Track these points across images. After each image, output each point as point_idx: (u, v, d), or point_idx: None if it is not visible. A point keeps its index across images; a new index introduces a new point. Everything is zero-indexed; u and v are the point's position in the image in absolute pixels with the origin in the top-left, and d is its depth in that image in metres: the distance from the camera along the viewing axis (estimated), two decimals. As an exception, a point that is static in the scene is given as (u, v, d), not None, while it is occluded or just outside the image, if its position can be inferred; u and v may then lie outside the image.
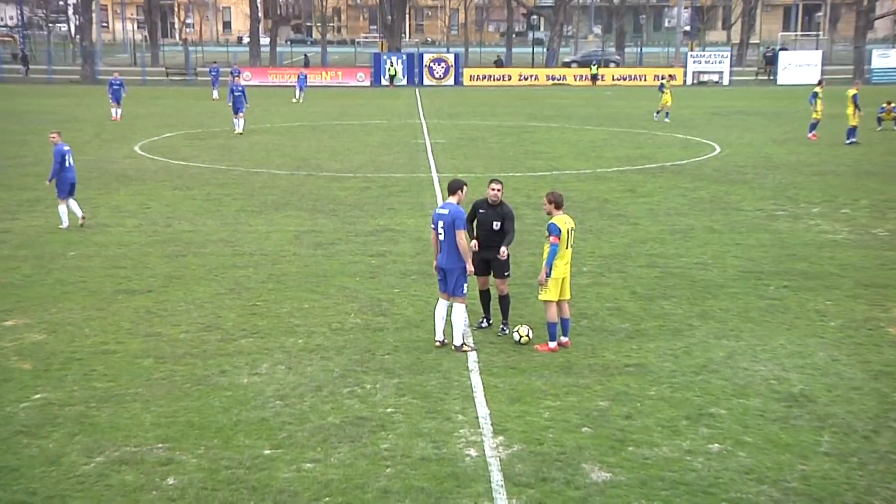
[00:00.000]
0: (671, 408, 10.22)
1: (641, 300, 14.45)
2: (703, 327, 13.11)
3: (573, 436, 9.47)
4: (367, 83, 75.13)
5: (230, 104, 38.07)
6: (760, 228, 19.74)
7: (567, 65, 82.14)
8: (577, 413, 10.04)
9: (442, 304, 12.10)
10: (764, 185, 25.29)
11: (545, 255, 11.87)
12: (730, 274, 16.01)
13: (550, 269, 11.74)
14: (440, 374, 11.21)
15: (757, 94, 61.66)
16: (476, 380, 11.04)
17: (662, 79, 53.40)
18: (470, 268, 11.87)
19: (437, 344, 12.06)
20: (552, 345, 11.93)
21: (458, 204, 11.98)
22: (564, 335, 12.17)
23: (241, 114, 37.30)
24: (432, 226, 12.11)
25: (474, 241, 12.75)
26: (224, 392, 10.62)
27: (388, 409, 10.12)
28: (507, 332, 12.62)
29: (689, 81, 74.45)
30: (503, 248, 12.47)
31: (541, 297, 11.99)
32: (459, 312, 11.94)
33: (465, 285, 11.94)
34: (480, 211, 12.57)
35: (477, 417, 9.93)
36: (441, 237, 11.93)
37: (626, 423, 9.77)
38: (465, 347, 11.94)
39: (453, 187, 12.09)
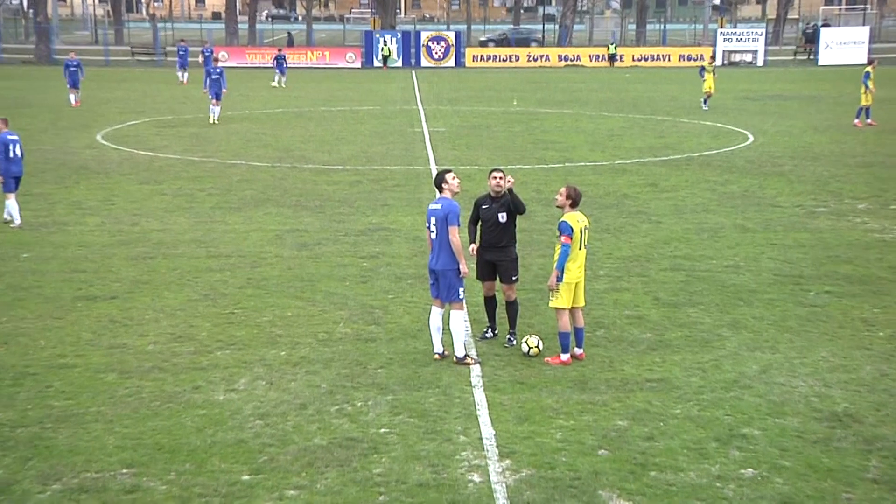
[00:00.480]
0: (699, 428, 10.22)
1: (665, 307, 14.45)
2: (734, 338, 13.12)
3: (588, 459, 9.47)
4: (358, 65, 75.19)
5: (206, 90, 37.79)
6: (799, 227, 19.76)
7: (484, 44, 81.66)
8: (592, 434, 10.04)
9: (436, 313, 12.10)
10: (803, 178, 25.31)
11: (556, 258, 11.88)
12: (764, 278, 16.02)
13: (562, 272, 11.75)
14: (439, 390, 11.21)
15: (795, 76, 61.72)
16: (480, 396, 11.04)
17: (702, 60, 53.06)
18: (464, 269, 11.86)
19: (437, 357, 12.07)
20: (565, 357, 11.94)
21: (451, 198, 11.97)
22: (578, 346, 12.17)
23: (219, 100, 37.14)
24: (426, 224, 12.12)
25: (473, 246, 12.76)
26: (197, 410, 10.62)
27: (382, 430, 10.12)
28: (514, 342, 12.64)
29: (719, 62, 74.45)
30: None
31: (551, 305, 11.99)
32: (458, 320, 11.95)
33: (461, 289, 11.94)
34: (483, 207, 12.58)
35: (481, 438, 9.92)
36: (433, 235, 11.94)
37: (647, 445, 9.77)
38: (468, 360, 11.95)
39: (438, 181, 12.06)
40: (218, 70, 37.37)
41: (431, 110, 43.21)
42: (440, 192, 12.03)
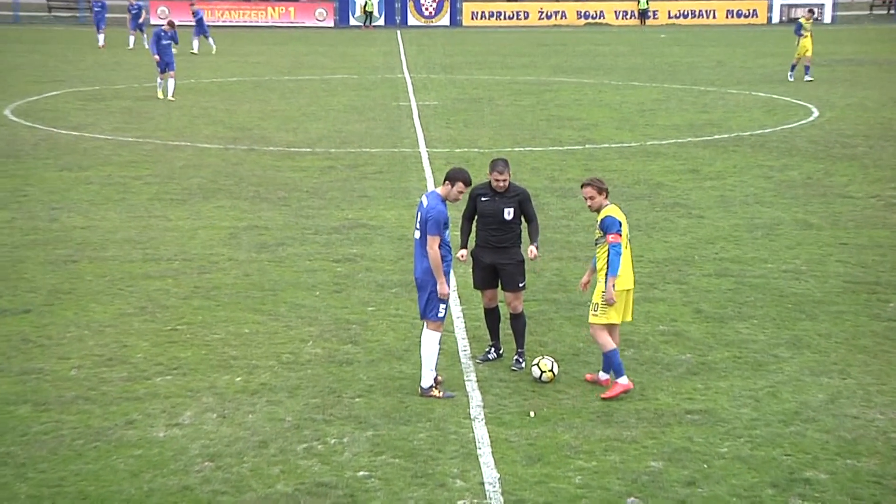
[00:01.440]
0: (751, 470, 10.23)
1: (709, 322, 14.48)
2: (794, 359, 13.14)
3: (616, 509, 9.48)
4: (330, 23, 75.27)
5: (156, 56, 36.97)
6: (875, 223, 19.80)
7: None
8: (620, 478, 10.05)
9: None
10: (880, 163, 25.37)
11: (602, 263, 11.83)
12: (832, 286, 16.05)
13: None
14: (431, 424, 11.22)
15: (871, 37, 61.87)
16: (481, 431, 11.04)
17: (798, 17, 52.28)
18: (442, 289, 11.84)
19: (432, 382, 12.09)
20: (624, 381, 11.88)
21: (444, 198, 11.97)
22: (605, 371, 12.18)
23: (171, 71, 36.13)
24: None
25: (463, 252, 12.77)
26: (132, 451, 10.61)
27: (360, 473, 10.12)
28: (523, 365, 12.65)
29: (775, 19, 74.65)
30: (533, 247, 12.44)
31: (595, 321, 11.91)
32: (430, 341, 11.92)
33: (443, 306, 11.95)
34: (482, 199, 12.57)
35: (482, 483, 9.93)
36: (416, 235, 11.98)
37: (688, 492, 9.79)
38: (435, 392, 11.93)
39: (448, 175, 12.01)
40: (169, 33, 36.21)
41: (421, 80, 43.22)
42: (443, 183, 12.01)
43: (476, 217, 12.69)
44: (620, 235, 11.71)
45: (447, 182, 11.97)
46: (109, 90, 39.18)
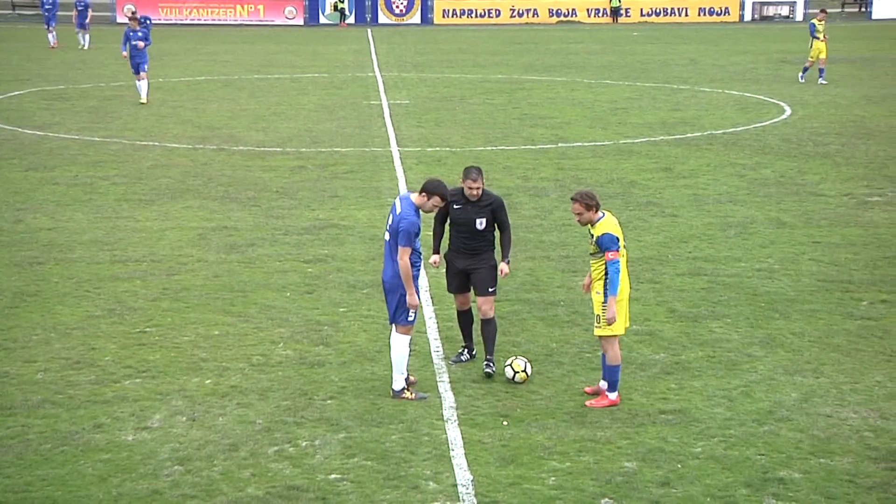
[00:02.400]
0: (725, 470, 10.28)
1: (682, 321, 14.53)
2: (768, 358, 13.21)
3: (590, 510, 9.50)
4: (300, 21, 75.11)
5: (125, 54, 35.55)
6: (848, 221, 19.92)
7: None
8: (594, 478, 10.08)
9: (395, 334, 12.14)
10: (853, 161, 25.52)
11: (598, 281, 11.63)
12: (805, 284, 16.14)
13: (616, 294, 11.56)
14: (404, 426, 11.22)
15: (843, 34, 62.18)
16: (454, 433, 11.05)
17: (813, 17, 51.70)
18: (412, 300, 11.81)
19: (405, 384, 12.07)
20: (613, 396, 11.81)
21: (418, 208, 11.88)
22: (605, 380, 11.99)
23: (142, 72, 34.80)
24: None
25: (435, 258, 12.75)
26: (100, 455, 10.57)
27: (332, 476, 10.12)
28: (493, 370, 12.57)
29: (747, 17, 75.02)
30: (504, 265, 12.44)
31: (601, 333, 11.76)
32: (400, 344, 11.91)
33: (413, 313, 11.96)
34: (455, 206, 12.55)
35: (455, 485, 9.94)
36: (386, 237, 11.94)
37: (662, 493, 9.82)
38: (407, 394, 11.94)
39: (426, 188, 11.88)
40: (139, 33, 34.76)
41: (392, 78, 43.19)
42: (420, 193, 11.90)
43: (449, 222, 12.69)
44: (618, 253, 11.47)
45: (424, 193, 11.85)
46: (75, 89, 38.97)
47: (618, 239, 11.48)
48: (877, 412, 11.61)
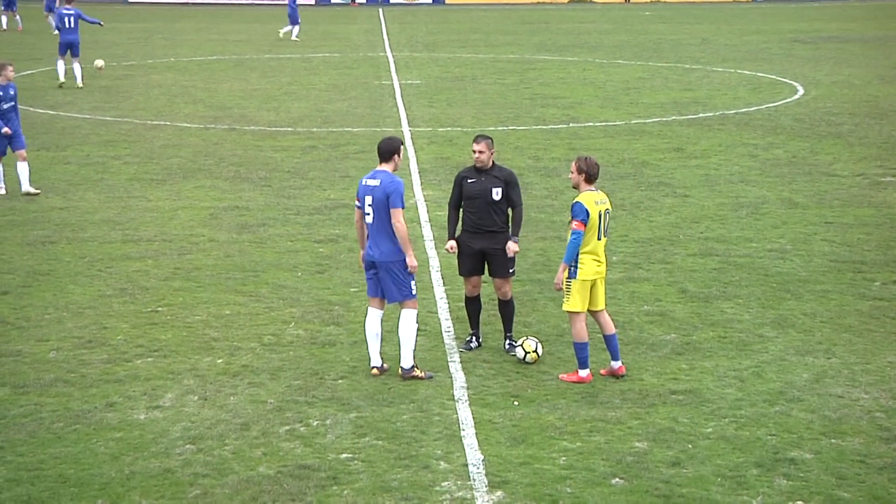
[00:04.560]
0: (735, 450, 10.28)
1: (694, 301, 14.51)
2: (779, 339, 13.19)
3: (600, 490, 9.50)
4: (311, 1, 74.95)
5: (56, 32, 34.18)
6: (861, 201, 19.86)
7: None
8: (605, 458, 10.09)
9: (374, 315, 12.08)
10: (866, 141, 25.44)
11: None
12: (817, 265, 16.11)
13: (574, 267, 11.68)
14: (415, 406, 11.23)
15: (857, 14, 61.94)
16: (465, 413, 11.06)
17: None
18: (411, 262, 11.82)
19: (375, 371, 12.01)
20: (583, 373, 11.86)
21: (394, 173, 11.92)
22: (614, 359, 12.02)
23: (76, 56, 33.95)
24: (356, 202, 12.06)
25: (451, 243, 12.67)
26: (112, 433, 10.60)
27: (343, 455, 10.14)
28: (516, 347, 12.58)
29: (760, -3, 74.50)
30: (512, 244, 12.41)
31: (564, 308, 11.97)
32: (409, 321, 11.92)
33: (413, 283, 11.93)
34: (469, 181, 12.54)
35: (466, 465, 9.95)
36: (369, 219, 11.86)
37: (672, 473, 9.82)
38: (417, 372, 11.94)
39: (386, 150, 11.95)
40: (72, 10, 33.90)
41: (403, 58, 43.12)
42: (384, 161, 11.95)
43: (463, 202, 12.64)
44: (584, 225, 11.56)
45: (393, 156, 11.92)
46: (87, 69, 38.93)
47: (587, 212, 11.57)
48: (888, 393, 11.59)
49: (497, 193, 12.43)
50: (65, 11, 34.14)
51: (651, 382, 11.82)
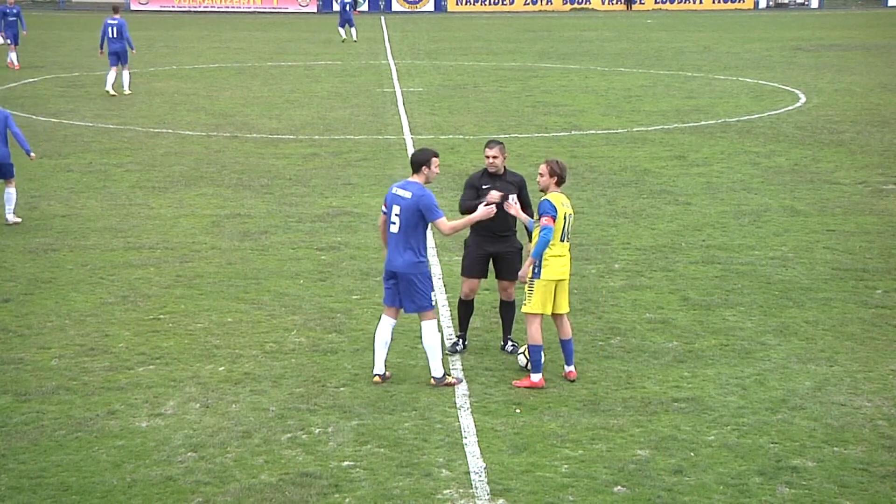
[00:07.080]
0: (738, 458, 10.28)
1: (696, 309, 14.51)
2: (781, 347, 13.19)
3: (602, 498, 9.50)
4: (314, 9, 75.10)
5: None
6: (863, 209, 19.86)
7: None
8: (607, 466, 10.09)
9: (386, 324, 12.09)
10: (868, 149, 25.44)
11: (533, 243, 11.87)
12: (819, 273, 16.10)
13: (539, 263, 11.74)
14: (416, 414, 11.23)
15: (859, 21, 62.00)
16: (467, 421, 11.06)
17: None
18: (485, 211, 11.87)
19: (377, 379, 12.02)
20: (535, 378, 11.88)
21: (425, 185, 11.88)
22: (568, 363, 12.12)
23: (125, 64, 34.31)
24: (383, 208, 12.03)
25: (484, 208, 12.15)
26: (113, 441, 10.60)
27: (345, 463, 10.14)
28: (517, 348, 12.63)
29: (762, 4, 74.71)
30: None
31: (523, 309, 11.98)
32: (432, 332, 11.94)
33: (433, 294, 11.96)
34: (485, 187, 12.54)
35: (468, 473, 9.95)
36: (395, 228, 11.83)
37: (674, 481, 9.82)
38: (450, 379, 11.97)
39: (415, 161, 11.92)
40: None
41: (405, 66, 43.16)
42: (415, 172, 11.94)
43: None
44: (554, 220, 11.66)
45: (423, 167, 11.79)
46: (89, 76, 39.03)
47: (555, 209, 11.66)
48: (891, 401, 11.59)
49: (513, 200, 12.49)
50: (110, 21, 34.30)
51: (653, 390, 11.82)
